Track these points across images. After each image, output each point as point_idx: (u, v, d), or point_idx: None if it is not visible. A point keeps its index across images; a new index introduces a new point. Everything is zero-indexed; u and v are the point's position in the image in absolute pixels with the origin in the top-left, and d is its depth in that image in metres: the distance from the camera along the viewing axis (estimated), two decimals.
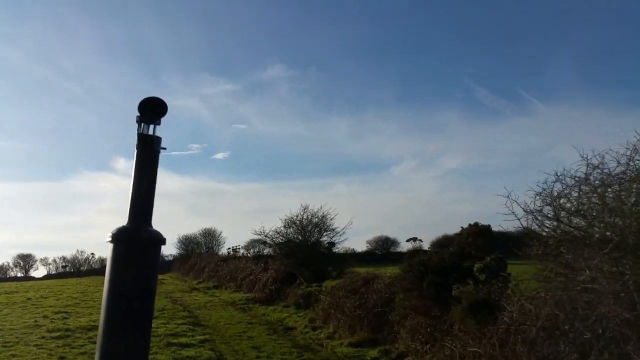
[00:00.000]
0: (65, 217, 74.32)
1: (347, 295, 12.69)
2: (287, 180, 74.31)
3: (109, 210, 60.36)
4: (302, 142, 73.92)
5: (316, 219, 19.05)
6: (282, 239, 19.61)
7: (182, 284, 28.83)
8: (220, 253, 38.59)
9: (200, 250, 40.21)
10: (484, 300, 7.96)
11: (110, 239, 1.51)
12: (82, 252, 56.43)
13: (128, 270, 1.41)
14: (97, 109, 75.24)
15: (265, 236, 19.66)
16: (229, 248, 41.35)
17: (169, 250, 49.94)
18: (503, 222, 6.05)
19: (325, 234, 19.00)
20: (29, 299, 18.36)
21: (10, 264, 55.34)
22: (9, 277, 50.48)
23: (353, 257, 20.01)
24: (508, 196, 5.77)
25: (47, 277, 50.70)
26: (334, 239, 19.07)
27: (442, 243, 64.39)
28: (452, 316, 8.43)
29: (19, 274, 53.77)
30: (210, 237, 41.93)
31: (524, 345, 6.57)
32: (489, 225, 9.60)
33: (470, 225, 9.82)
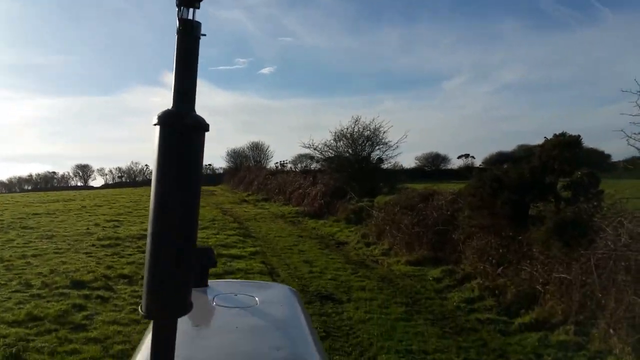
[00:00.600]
0: (120, 130, 76.65)
1: (403, 211, 11.84)
2: (333, 96, 72.12)
3: None
4: (349, 55, 70.49)
5: (368, 132, 17.89)
6: (331, 153, 18.74)
7: (232, 195, 29.11)
8: (268, 167, 38.65)
9: (248, 163, 40.37)
10: (573, 221, 6.83)
11: (155, 121, 1.33)
12: (136, 163, 58.53)
13: (173, 152, 1.33)
14: (144, 23, 74.04)
15: (315, 149, 18.84)
16: (277, 162, 41.33)
17: (219, 163, 50.81)
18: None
19: (377, 147, 17.90)
20: (84, 207, 18.82)
21: (71, 174, 58.38)
22: (70, 186, 53.38)
23: (403, 173, 18.96)
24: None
25: (105, 186, 53.30)
26: (386, 153, 17.98)
27: (497, 160, 61.95)
28: (530, 237, 7.39)
29: (79, 184, 56.80)
30: (258, 150, 41.85)
31: (628, 274, 5.50)
32: (579, 136, 8.22)
33: (555, 135, 8.46)
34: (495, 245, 8.04)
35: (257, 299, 2.08)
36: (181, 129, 1.28)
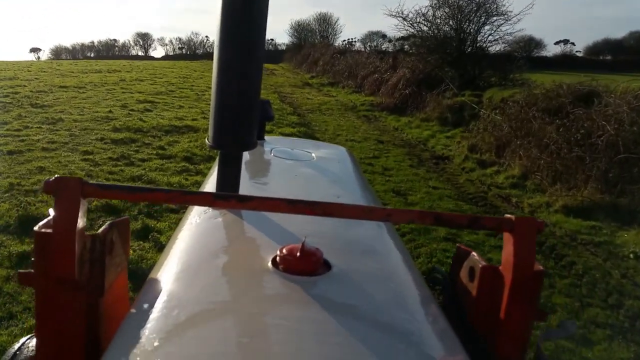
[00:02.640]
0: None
1: (541, 117, 7.96)
2: None
3: None
4: None
5: None
6: (426, 25, 14.21)
7: (293, 77, 25.49)
8: (335, 45, 34.00)
9: (314, 39, 35.78)
10: None
11: None
12: (196, 34, 55.19)
13: None
14: None
15: (404, 19, 14.33)
16: (344, 40, 36.47)
17: (281, 38, 46.48)
18: None
19: (491, 21, 13.14)
20: (123, 80, 16.04)
21: (131, 42, 56.20)
22: (130, 55, 51.41)
23: (520, 59, 14.22)
24: None
25: (165, 57, 50.86)
26: (502, 28, 13.25)
27: (603, 47, 53.24)
28: None
29: (140, 53, 54.73)
30: (325, 24, 36.84)
31: None
32: None
33: None
34: None
35: (313, 154, 2.04)
36: None
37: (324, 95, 17.10)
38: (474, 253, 0.96)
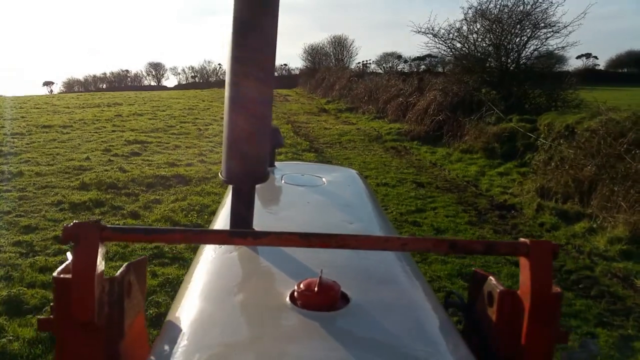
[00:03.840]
0: (195, 28, 72.06)
1: (633, 150, 5.95)
2: None
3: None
4: None
5: (523, 7, 11.11)
6: (460, 41, 12.31)
7: (308, 102, 23.81)
8: (351, 67, 32.43)
9: (329, 62, 34.24)
10: None
11: None
12: (209, 62, 54.39)
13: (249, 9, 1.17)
14: None
15: (434, 35, 12.46)
16: (358, 63, 34.93)
17: (295, 62, 45.27)
18: None
19: (538, 33, 11.17)
20: (119, 115, 14.44)
21: (143, 72, 55.63)
22: (142, 86, 50.65)
23: (571, 76, 12.20)
24: None
25: (178, 87, 50.04)
26: (549, 40, 11.29)
27: (625, 61, 51.08)
28: None
29: (152, 83, 54.05)
30: (340, 47, 35.31)
31: None
32: None
33: None
34: None
35: (324, 179, 2.04)
36: None
37: (343, 123, 15.26)
38: (491, 277, 0.94)
